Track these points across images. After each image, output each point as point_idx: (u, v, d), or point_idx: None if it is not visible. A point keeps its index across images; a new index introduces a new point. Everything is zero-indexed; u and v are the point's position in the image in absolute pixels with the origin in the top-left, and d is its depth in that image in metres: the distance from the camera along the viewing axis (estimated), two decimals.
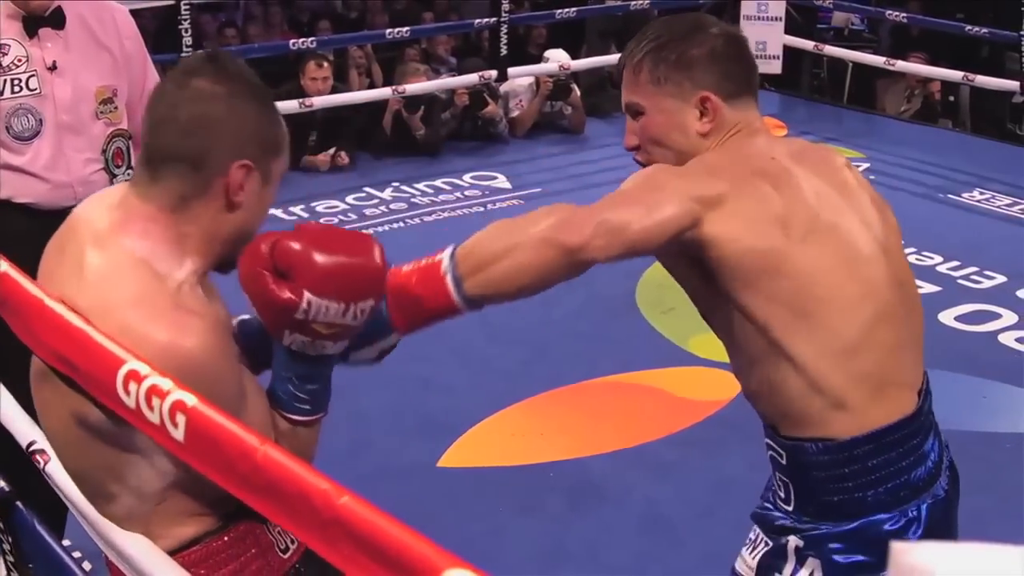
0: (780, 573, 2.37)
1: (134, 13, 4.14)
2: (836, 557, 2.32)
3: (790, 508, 2.38)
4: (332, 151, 8.41)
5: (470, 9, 11.77)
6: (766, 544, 2.42)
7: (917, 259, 6.73)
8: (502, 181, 8.25)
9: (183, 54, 7.19)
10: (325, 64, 8.42)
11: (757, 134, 2.38)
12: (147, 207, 2.00)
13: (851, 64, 10.63)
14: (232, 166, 1.98)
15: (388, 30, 8.97)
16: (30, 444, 2.27)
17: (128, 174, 3.70)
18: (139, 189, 2.02)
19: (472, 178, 8.30)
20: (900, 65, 9.37)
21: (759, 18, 9.30)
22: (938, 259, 6.76)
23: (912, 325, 2.44)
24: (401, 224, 7.43)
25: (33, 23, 3.71)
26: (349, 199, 7.79)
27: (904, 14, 9.83)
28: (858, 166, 8.02)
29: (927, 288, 6.37)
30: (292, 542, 2.21)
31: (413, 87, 8.52)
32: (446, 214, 7.61)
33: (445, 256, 2.10)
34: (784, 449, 2.34)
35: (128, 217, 2.00)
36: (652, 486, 4.54)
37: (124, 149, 3.81)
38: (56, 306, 1.82)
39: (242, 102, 2.02)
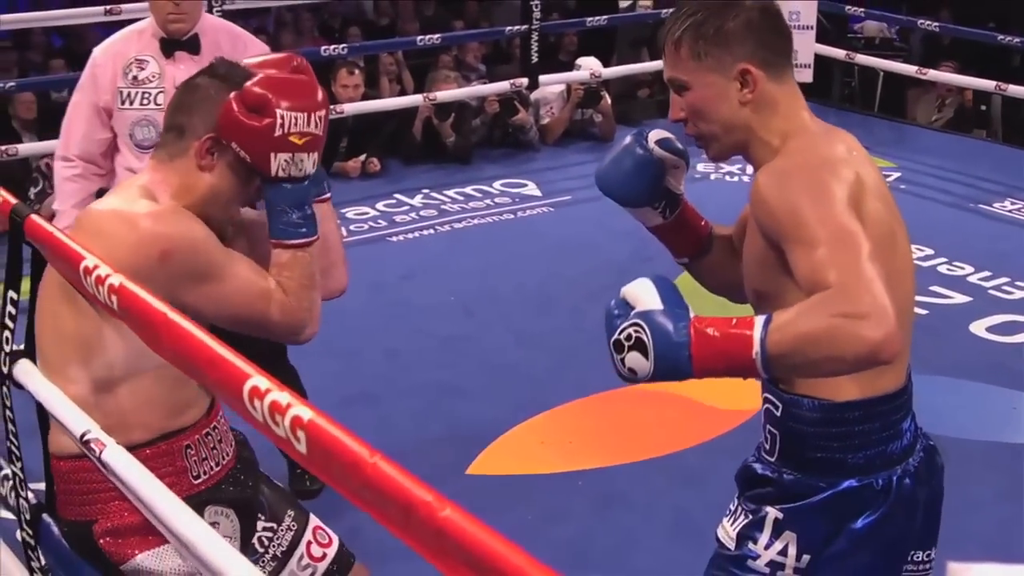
0: (755, 543, 2.51)
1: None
2: (811, 532, 2.45)
3: (772, 459, 2.52)
4: (363, 158, 8.44)
5: (500, 16, 11.80)
6: (745, 516, 2.55)
7: (948, 269, 6.71)
8: (532, 188, 8.25)
9: None
10: (356, 71, 8.45)
11: (808, 112, 2.48)
12: (153, 161, 2.70)
13: (882, 73, 10.61)
14: (201, 139, 2.59)
15: (419, 37, 8.98)
16: (84, 433, 2.35)
17: None
18: (155, 150, 2.74)
19: (502, 185, 8.31)
20: (931, 74, 9.35)
21: (791, 26, 9.28)
22: (969, 269, 6.74)
23: (913, 306, 2.61)
24: (431, 231, 7.45)
25: (170, 45, 4.13)
26: (379, 206, 7.81)
27: (936, 23, 9.80)
28: (888, 175, 8.07)
29: (958, 299, 6.35)
30: (206, 472, 2.68)
31: (444, 94, 8.55)
32: (476, 221, 7.62)
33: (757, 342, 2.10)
34: (781, 402, 2.48)
35: (148, 166, 2.71)
36: (680, 494, 4.54)
37: None
38: (179, 319, 1.98)
39: (215, 88, 2.60)
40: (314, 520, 2.92)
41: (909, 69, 9.66)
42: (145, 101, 4.11)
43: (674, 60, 2.45)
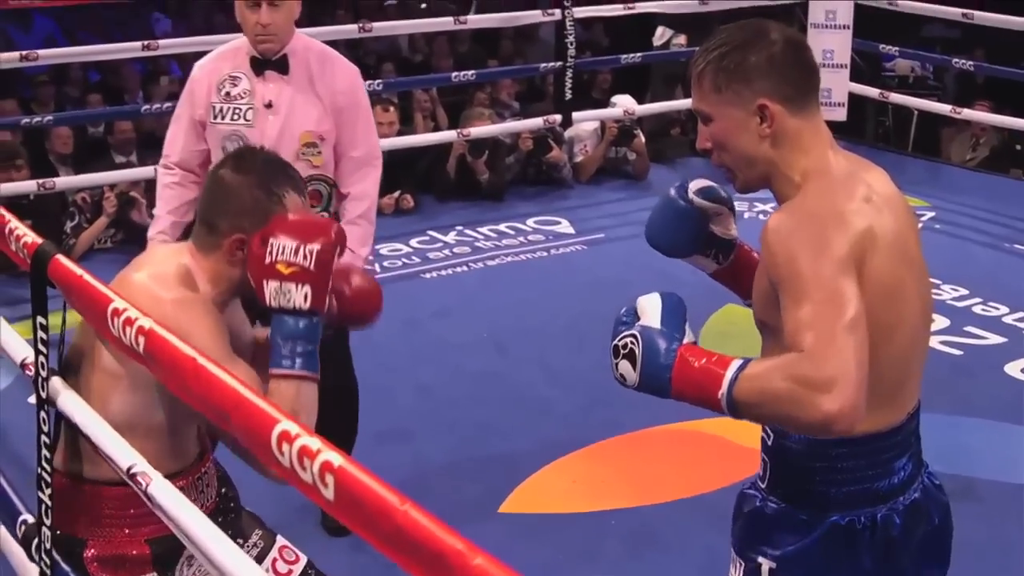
0: None
1: (196, 55, 4.40)
2: None
3: (764, 486, 2.60)
4: (396, 194, 8.45)
5: (534, 54, 11.82)
6: (744, 566, 2.61)
7: (983, 309, 6.68)
8: (565, 226, 8.25)
9: None
10: (391, 108, 8.48)
11: (831, 149, 2.49)
12: (191, 246, 2.82)
13: (916, 112, 10.59)
14: (231, 237, 2.71)
15: (454, 73, 9.01)
16: (130, 467, 2.40)
17: (322, 215, 4.18)
18: (192, 237, 2.84)
19: (535, 223, 8.31)
20: (966, 113, 9.32)
21: (824, 65, 9.27)
22: (1004, 310, 6.70)
23: (924, 348, 2.60)
24: (464, 268, 7.46)
25: (260, 64, 4.26)
26: (413, 242, 7.82)
27: (970, 62, 9.78)
28: (922, 215, 8.04)
29: (993, 339, 6.32)
30: None
31: (478, 131, 8.56)
32: (509, 259, 7.63)
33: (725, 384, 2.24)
34: (773, 431, 2.56)
35: (188, 246, 2.83)
36: (712, 535, 4.49)
37: (322, 192, 4.26)
38: (208, 364, 2.03)
39: (246, 190, 2.72)
40: (281, 540, 3.05)
41: (943, 108, 9.64)
42: (236, 117, 4.24)
43: (699, 92, 2.49)
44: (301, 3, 4.32)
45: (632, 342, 2.33)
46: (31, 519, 2.80)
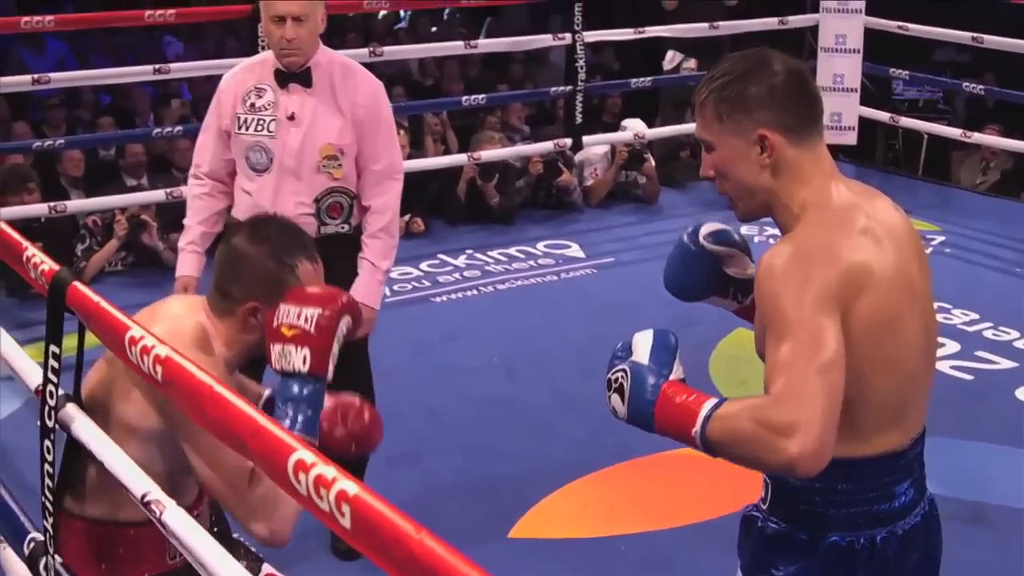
0: None
1: (207, 79, 4.52)
2: None
3: (765, 507, 2.63)
4: (407, 218, 8.45)
5: (544, 77, 11.84)
6: None
7: (994, 334, 6.67)
8: (575, 250, 8.25)
9: None
10: (402, 132, 8.47)
11: (832, 179, 2.50)
12: (207, 305, 2.89)
13: (926, 136, 10.59)
14: (245, 304, 2.79)
15: (464, 97, 9.02)
16: (144, 495, 2.42)
17: (342, 227, 4.39)
18: (208, 302, 2.90)
19: (545, 246, 8.31)
20: (976, 137, 9.31)
21: (834, 89, 9.28)
22: (1015, 334, 6.69)
23: (929, 376, 2.62)
24: (474, 292, 7.46)
25: (285, 77, 4.33)
26: (423, 266, 7.83)
27: (981, 86, 9.78)
28: (932, 239, 8.03)
29: (1004, 364, 6.31)
30: (180, 556, 2.69)
31: (488, 154, 8.57)
32: (519, 282, 7.63)
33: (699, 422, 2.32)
34: None
35: (204, 304, 2.90)
36: (723, 560, 4.46)
37: (343, 205, 4.38)
38: (224, 391, 2.05)
39: (259, 260, 2.81)
40: (267, 568, 3.07)
41: (954, 132, 9.64)
42: (259, 128, 4.31)
43: (701, 120, 2.53)
44: (326, 19, 4.39)
45: (622, 376, 2.44)
46: (40, 537, 2.81)
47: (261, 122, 4.31)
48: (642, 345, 2.46)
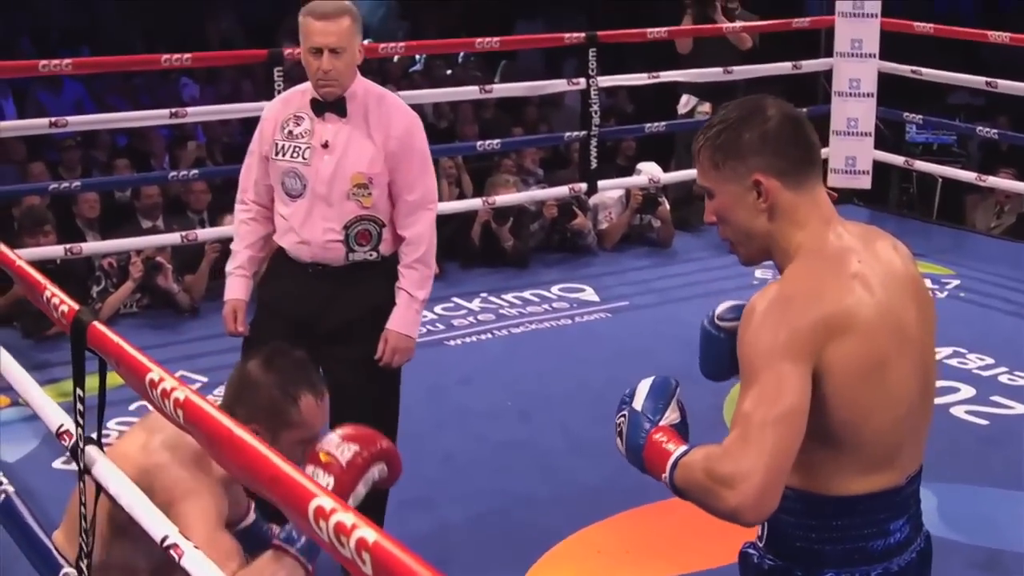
0: None
1: (223, 122, 4.60)
2: None
3: (761, 544, 2.65)
4: None
5: (558, 121, 11.87)
6: None
7: (1009, 379, 6.64)
8: (590, 293, 8.26)
9: None
10: None
11: (829, 223, 2.54)
12: None
13: (940, 179, 10.60)
14: (247, 427, 2.71)
15: (479, 142, 9.04)
16: (164, 539, 2.48)
17: (370, 255, 4.44)
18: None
19: (560, 290, 8.31)
20: (991, 181, 9.32)
21: (848, 133, 9.30)
22: None
23: (927, 416, 2.64)
24: (488, 335, 7.46)
25: (321, 106, 4.42)
26: (437, 309, 7.82)
27: (995, 130, 9.78)
28: (947, 283, 8.02)
29: (1019, 409, 6.28)
30: None
31: (503, 198, 8.59)
32: (534, 326, 7.63)
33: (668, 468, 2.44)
34: None
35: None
36: None
37: (371, 232, 4.44)
38: (245, 435, 2.10)
39: (265, 388, 3.04)
40: None
41: (968, 176, 9.64)
42: (295, 155, 4.41)
43: (700, 168, 2.59)
44: (364, 51, 4.47)
45: (622, 421, 2.56)
46: (74, 573, 2.84)
47: (297, 149, 4.40)
48: (641, 391, 2.59)
